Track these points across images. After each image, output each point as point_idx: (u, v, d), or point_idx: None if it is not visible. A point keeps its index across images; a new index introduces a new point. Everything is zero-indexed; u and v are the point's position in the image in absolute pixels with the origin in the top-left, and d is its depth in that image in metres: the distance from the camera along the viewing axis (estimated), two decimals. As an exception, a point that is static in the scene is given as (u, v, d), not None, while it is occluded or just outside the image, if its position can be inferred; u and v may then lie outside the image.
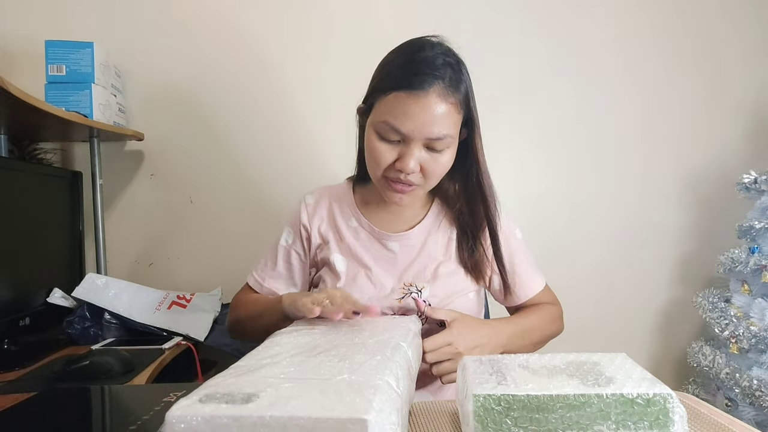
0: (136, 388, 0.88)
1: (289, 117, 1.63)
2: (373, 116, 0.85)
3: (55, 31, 1.50)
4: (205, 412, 0.40)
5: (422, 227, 0.97)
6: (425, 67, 0.80)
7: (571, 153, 1.71)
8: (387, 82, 0.83)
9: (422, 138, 0.82)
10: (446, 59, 0.82)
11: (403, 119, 0.80)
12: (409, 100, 0.80)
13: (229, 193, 1.63)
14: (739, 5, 1.71)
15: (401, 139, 0.83)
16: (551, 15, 1.68)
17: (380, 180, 0.88)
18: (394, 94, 0.81)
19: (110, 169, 1.58)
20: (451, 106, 0.82)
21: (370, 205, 1.00)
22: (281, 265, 1.01)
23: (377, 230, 0.96)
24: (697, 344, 1.59)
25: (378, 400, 0.41)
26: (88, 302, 1.25)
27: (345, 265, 0.95)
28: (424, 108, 0.80)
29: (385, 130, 0.82)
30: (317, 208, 1.01)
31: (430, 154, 0.84)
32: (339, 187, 1.04)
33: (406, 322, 0.73)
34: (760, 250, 1.43)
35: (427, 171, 0.85)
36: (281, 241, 1.02)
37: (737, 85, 1.73)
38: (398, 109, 0.80)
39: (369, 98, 0.88)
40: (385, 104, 0.82)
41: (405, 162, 0.83)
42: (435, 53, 0.82)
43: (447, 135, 0.83)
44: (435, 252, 0.96)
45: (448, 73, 0.81)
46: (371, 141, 0.85)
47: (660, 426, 0.48)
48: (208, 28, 1.60)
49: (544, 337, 0.98)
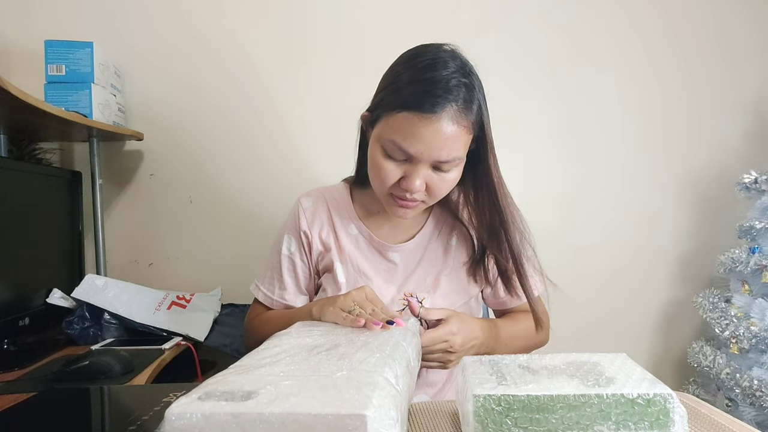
0: (135, 389, 0.88)
1: (288, 117, 1.63)
2: (380, 131, 0.82)
3: (54, 31, 1.51)
4: (205, 409, 0.40)
5: (422, 236, 0.96)
6: (438, 89, 0.76)
7: (570, 153, 1.71)
8: (396, 100, 0.79)
9: (430, 160, 0.79)
10: (461, 80, 0.78)
11: (411, 141, 0.77)
12: (420, 123, 0.76)
13: (229, 193, 1.63)
14: (740, 5, 1.71)
15: (407, 158, 0.80)
16: (551, 14, 1.68)
17: (385, 196, 0.87)
18: (404, 114, 0.77)
19: (110, 169, 1.58)
20: (463, 129, 0.79)
21: (369, 213, 0.98)
22: (287, 275, 0.98)
23: (377, 240, 0.95)
24: (698, 344, 1.59)
25: (377, 396, 0.41)
26: (87, 302, 1.24)
27: (345, 275, 0.93)
28: (435, 132, 0.76)
29: (392, 149, 0.80)
30: (316, 212, 0.98)
31: (436, 173, 0.82)
32: (335, 190, 1.01)
33: (408, 324, 0.73)
34: (760, 250, 1.43)
35: (432, 189, 0.83)
36: (283, 250, 0.98)
37: (738, 85, 1.73)
38: (407, 131, 0.77)
39: (376, 109, 0.84)
40: (393, 122, 0.79)
41: (410, 182, 0.80)
42: (449, 72, 0.77)
43: (456, 158, 0.80)
44: (435, 260, 0.95)
45: (462, 95, 0.77)
46: (376, 157, 0.82)
47: (660, 426, 0.48)
48: (207, 28, 1.60)
49: (526, 347, 0.96)
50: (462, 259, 0.96)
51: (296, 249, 0.98)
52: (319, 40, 1.63)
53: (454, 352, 0.80)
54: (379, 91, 0.85)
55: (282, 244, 0.99)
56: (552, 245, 1.68)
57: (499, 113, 1.65)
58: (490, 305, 1.03)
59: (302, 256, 0.98)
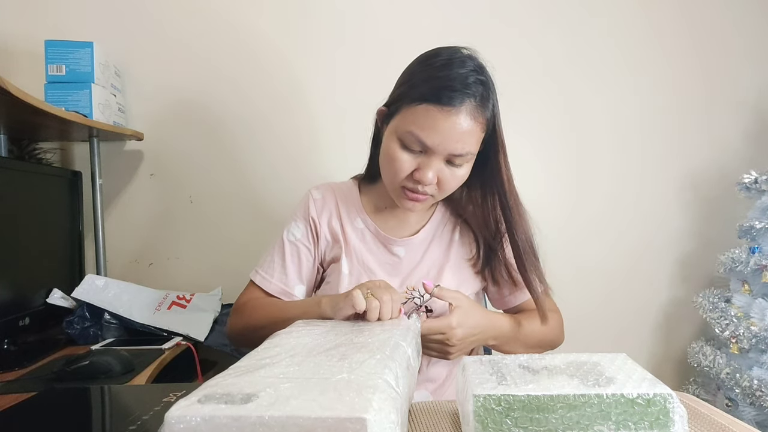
0: (135, 389, 0.88)
1: (288, 117, 1.63)
2: (398, 123, 0.84)
3: (54, 30, 1.50)
4: (204, 412, 0.40)
5: (427, 231, 0.98)
6: (458, 84, 0.80)
7: (570, 153, 1.71)
8: (417, 92, 0.82)
9: (445, 153, 0.82)
10: (478, 77, 0.82)
11: (429, 132, 0.80)
12: (439, 115, 0.80)
13: (229, 192, 1.63)
14: (740, 5, 1.71)
15: (423, 150, 0.83)
16: (550, 14, 1.68)
17: (396, 188, 0.88)
18: (425, 106, 0.80)
19: (110, 168, 1.58)
20: (478, 125, 0.83)
21: (376, 208, 0.99)
22: (289, 260, 0.97)
23: (383, 234, 0.96)
24: (698, 344, 1.59)
25: (377, 399, 0.41)
26: (87, 302, 1.24)
27: (348, 268, 0.94)
28: (453, 125, 0.80)
29: (410, 140, 0.82)
30: (325, 203, 0.99)
31: (448, 167, 0.85)
32: (344, 186, 1.03)
33: (406, 323, 0.73)
34: (760, 250, 1.43)
35: (443, 183, 0.86)
36: (288, 236, 0.98)
37: (738, 85, 1.73)
38: (426, 122, 0.80)
39: (394, 103, 0.87)
40: (412, 114, 0.82)
41: (424, 173, 0.83)
42: (468, 70, 0.82)
43: (469, 152, 0.84)
44: (438, 255, 0.96)
45: (480, 92, 0.82)
46: (392, 148, 0.85)
47: (660, 426, 0.48)
48: (207, 27, 1.60)
49: (541, 342, 0.96)
50: (465, 255, 0.97)
51: (303, 235, 0.98)
52: (320, 41, 1.62)
53: (452, 345, 0.80)
54: (397, 88, 0.89)
55: (288, 229, 0.98)
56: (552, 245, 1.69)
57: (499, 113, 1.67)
58: (495, 303, 1.03)
59: (308, 243, 0.98)
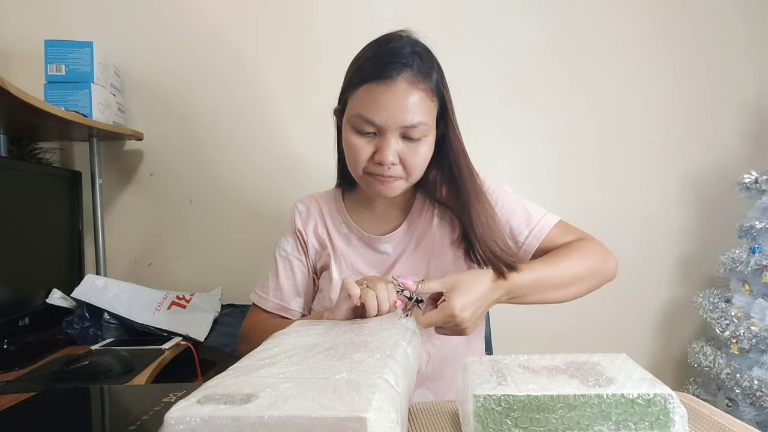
0: (135, 389, 0.88)
1: (290, 117, 1.63)
2: (347, 112, 0.86)
3: (54, 30, 1.50)
4: (204, 412, 0.40)
5: (408, 222, 0.97)
6: (393, 57, 0.81)
7: (570, 153, 1.70)
8: (357, 76, 0.84)
9: (396, 127, 0.81)
10: (414, 48, 0.83)
11: (375, 109, 0.81)
12: (378, 90, 0.80)
13: (229, 192, 1.63)
14: (740, 4, 1.71)
15: (376, 131, 0.83)
16: (550, 14, 1.68)
17: (362, 177, 0.88)
18: (365, 86, 0.82)
19: (109, 168, 1.58)
20: (423, 93, 0.82)
21: (358, 211, 1.00)
22: (283, 275, 0.99)
23: (366, 235, 0.96)
24: (698, 344, 1.59)
25: (377, 399, 0.41)
26: (87, 302, 1.24)
27: (339, 273, 0.95)
28: (394, 96, 0.80)
29: (360, 123, 0.83)
30: (309, 214, 1.01)
31: (407, 144, 0.84)
32: (328, 194, 1.04)
33: (405, 322, 0.73)
34: (760, 250, 1.42)
35: (406, 163, 0.84)
36: (279, 252, 1.00)
37: (738, 85, 1.72)
38: (370, 100, 0.81)
39: (342, 96, 0.89)
40: (357, 98, 0.83)
41: (383, 153, 0.82)
42: (402, 43, 0.84)
43: (421, 122, 0.82)
44: (423, 244, 0.96)
45: (416, 61, 0.82)
46: (348, 137, 0.85)
47: (660, 426, 0.48)
48: (207, 27, 1.60)
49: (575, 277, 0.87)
50: (447, 238, 0.96)
51: (293, 248, 1.00)
52: (320, 41, 1.62)
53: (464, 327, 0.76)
54: (344, 82, 0.90)
55: (280, 246, 1.01)
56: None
57: (498, 113, 1.68)
58: None
59: (299, 255, 1.00)
